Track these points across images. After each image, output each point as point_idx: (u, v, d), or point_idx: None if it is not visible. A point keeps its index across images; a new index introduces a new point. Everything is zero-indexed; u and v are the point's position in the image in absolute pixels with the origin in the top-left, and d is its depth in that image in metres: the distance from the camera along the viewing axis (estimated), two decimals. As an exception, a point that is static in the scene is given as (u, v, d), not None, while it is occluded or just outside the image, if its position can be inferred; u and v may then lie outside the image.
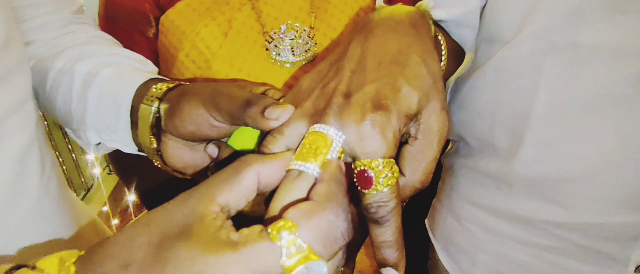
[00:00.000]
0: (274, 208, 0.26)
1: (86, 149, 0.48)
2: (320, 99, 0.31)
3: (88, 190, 1.99)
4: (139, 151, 0.43)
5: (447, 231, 0.65)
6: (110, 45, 0.49)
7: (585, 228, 0.49)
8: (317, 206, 0.25)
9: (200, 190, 0.25)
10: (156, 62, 0.63)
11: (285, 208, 0.26)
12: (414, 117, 0.31)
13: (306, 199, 0.27)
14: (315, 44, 0.58)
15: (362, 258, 1.25)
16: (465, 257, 0.63)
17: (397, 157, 0.31)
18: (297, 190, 0.27)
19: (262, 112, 0.31)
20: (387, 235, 0.29)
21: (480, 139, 0.56)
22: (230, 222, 0.25)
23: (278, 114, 0.31)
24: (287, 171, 0.28)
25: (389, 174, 0.28)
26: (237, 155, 0.35)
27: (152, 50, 0.63)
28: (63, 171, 1.81)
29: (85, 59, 0.44)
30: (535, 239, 0.54)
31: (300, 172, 0.28)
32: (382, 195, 0.28)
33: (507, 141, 0.52)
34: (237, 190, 0.26)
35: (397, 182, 0.29)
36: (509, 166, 0.52)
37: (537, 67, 0.46)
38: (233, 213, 0.26)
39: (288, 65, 0.57)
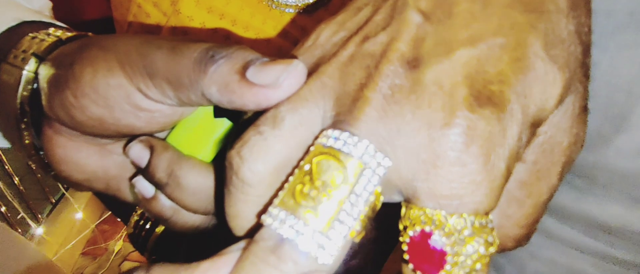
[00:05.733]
0: None
1: None
2: (355, 65, 0.17)
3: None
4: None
5: (487, 231, 0.56)
6: None
7: None
8: None
9: None
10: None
11: None
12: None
13: None
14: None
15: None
16: (511, 264, 0.54)
17: None
18: None
19: (241, 71, 0.17)
20: None
21: None
22: None
23: (275, 76, 0.17)
24: (261, 225, 0.16)
25: (481, 250, 0.15)
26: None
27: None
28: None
29: None
30: (616, 253, 0.44)
31: (283, 239, 0.15)
32: None
33: (598, 120, 0.40)
34: None
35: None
36: (598, 154, 0.41)
37: None
38: None
39: (290, 10, 0.42)
